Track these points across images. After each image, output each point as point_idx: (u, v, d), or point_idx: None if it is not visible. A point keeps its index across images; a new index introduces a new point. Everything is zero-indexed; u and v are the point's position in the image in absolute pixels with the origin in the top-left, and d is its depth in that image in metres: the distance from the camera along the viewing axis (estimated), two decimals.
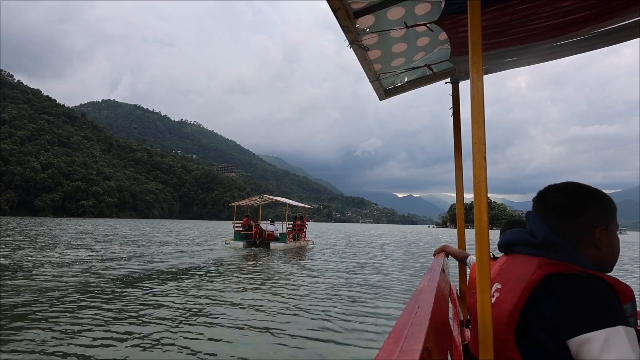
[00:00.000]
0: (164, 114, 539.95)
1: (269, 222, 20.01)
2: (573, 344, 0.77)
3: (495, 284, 1.03)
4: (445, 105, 2.53)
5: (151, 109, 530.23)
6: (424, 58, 2.20)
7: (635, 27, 1.64)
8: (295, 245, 19.45)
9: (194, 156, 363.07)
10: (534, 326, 0.85)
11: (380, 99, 2.67)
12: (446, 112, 2.50)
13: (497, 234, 1.64)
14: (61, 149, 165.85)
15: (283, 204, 22.11)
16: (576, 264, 0.87)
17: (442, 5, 1.61)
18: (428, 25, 1.74)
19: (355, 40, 1.76)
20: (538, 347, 0.84)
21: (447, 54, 2.12)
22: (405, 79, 2.54)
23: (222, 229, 45.92)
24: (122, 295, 6.65)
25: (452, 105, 2.46)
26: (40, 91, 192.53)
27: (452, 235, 41.11)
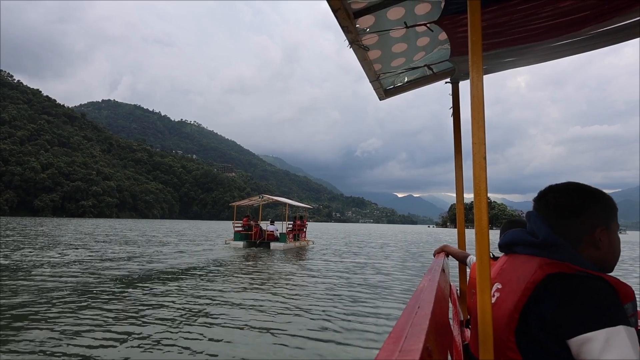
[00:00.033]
0: (164, 114, 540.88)
1: (269, 222, 20.02)
2: (574, 344, 0.77)
3: (496, 284, 1.03)
4: (445, 105, 2.53)
5: (151, 109, 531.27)
6: (424, 58, 2.20)
7: (635, 27, 1.64)
8: (295, 245, 19.46)
9: (194, 156, 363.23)
10: (535, 326, 0.85)
11: (380, 99, 2.67)
12: (446, 112, 2.51)
13: (497, 234, 1.64)
14: (61, 149, 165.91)
15: (283, 204, 22.12)
16: (577, 264, 0.87)
17: (442, 5, 1.61)
18: (428, 25, 1.74)
19: (355, 40, 1.76)
20: (538, 347, 0.84)
21: (447, 54, 2.12)
22: (405, 79, 2.54)
23: (222, 229, 45.91)
24: (122, 295, 6.65)
25: (452, 105, 2.46)
26: (40, 91, 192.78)
27: (452, 235, 41.10)
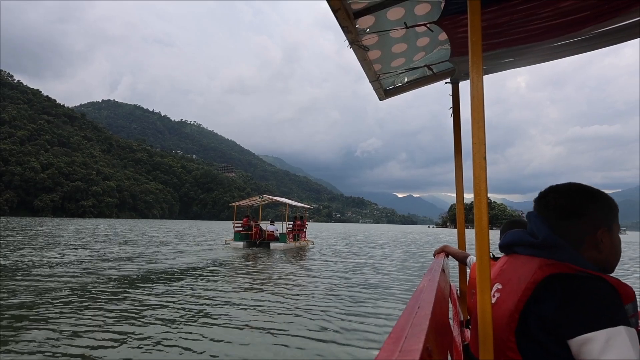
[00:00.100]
0: (164, 114, 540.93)
1: (269, 222, 20.02)
2: (574, 344, 0.78)
3: (496, 284, 1.03)
4: (445, 105, 2.53)
5: (151, 109, 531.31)
6: (424, 58, 2.20)
7: (635, 27, 1.63)
8: (295, 245, 19.45)
9: (194, 156, 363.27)
10: (535, 326, 0.85)
11: (380, 99, 2.67)
12: (446, 112, 2.51)
13: (497, 234, 1.64)
14: (61, 149, 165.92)
15: (283, 204, 22.12)
16: (577, 265, 0.87)
17: (442, 6, 1.61)
18: (428, 25, 1.74)
19: (355, 41, 1.76)
20: (538, 348, 0.85)
21: (447, 54, 2.12)
22: (405, 79, 2.54)
23: (222, 229, 45.91)
24: (122, 295, 6.65)
25: (452, 105, 2.46)
26: (40, 91, 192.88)
27: (452, 236, 41.10)
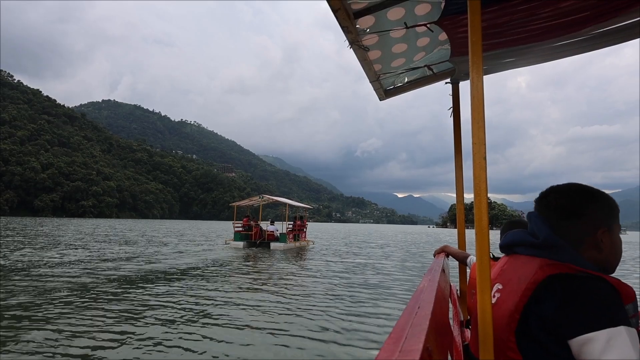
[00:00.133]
0: (164, 114, 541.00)
1: (269, 222, 20.01)
2: (575, 344, 0.78)
3: (496, 285, 1.03)
4: (445, 105, 2.53)
5: (151, 109, 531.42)
6: (424, 58, 2.20)
7: (635, 28, 1.63)
8: (295, 245, 19.45)
9: (194, 156, 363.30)
10: (535, 326, 0.85)
11: (380, 99, 2.67)
12: (446, 113, 2.51)
13: (497, 234, 1.64)
14: (61, 149, 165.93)
15: (283, 204, 22.12)
16: (578, 265, 0.87)
17: (442, 6, 1.61)
18: (428, 25, 1.74)
19: (355, 41, 1.75)
20: (538, 348, 0.85)
21: (447, 55, 2.12)
22: (405, 80, 2.54)
23: (222, 229, 45.91)
24: (122, 295, 6.65)
25: (452, 105, 2.46)
26: (40, 91, 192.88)
27: (452, 236, 41.09)
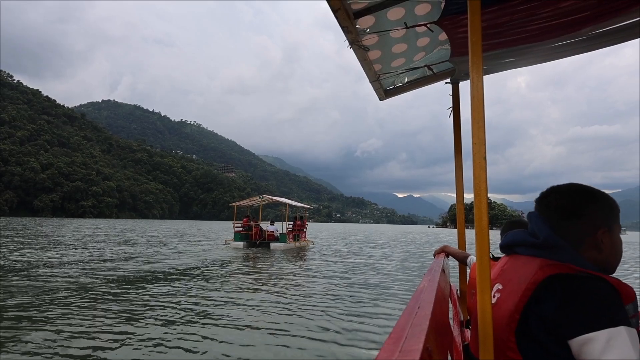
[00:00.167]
0: (163, 114, 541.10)
1: (269, 223, 20.01)
2: (575, 344, 0.78)
3: (497, 285, 1.03)
4: (445, 105, 2.53)
5: (151, 109, 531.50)
6: (424, 58, 2.20)
7: (635, 28, 1.63)
8: (295, 245, 19.45)
9: (194, 156, 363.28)
10: (535, 327, 0.85)
11: (380, 99, 2.67)
12: (446, 113, 2.51)
13: (498, 234, 1.64)
14: (61, 149, 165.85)
15: (283, 204, 22.11)
16: (578, 265, 0.87)
17: (442, 6, 1.61)
18: (428, 25, 1.74)
19: (355, 41, 1.75)
20: (538, 348, 0.85)
21: (447, 55, 2.12)
22: (405, 80, 2.54)
23: (222, 229, 45.90)
24: (122, 296, 6.65)
25: (452, 105, 2.46)
26: (39, 91, 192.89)
27: (452, 236, 41.09)
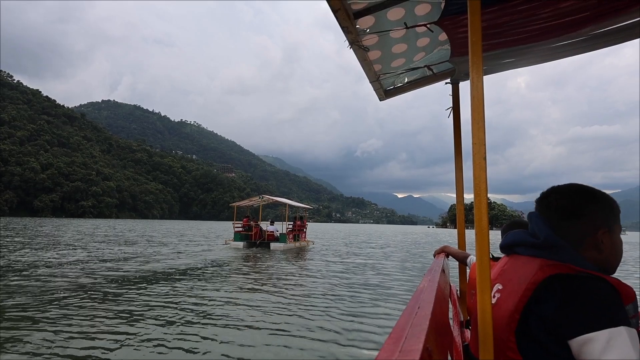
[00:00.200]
0: (163, 114, 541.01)
1: (269, 223, 20.00)
2: (575, 344, 0.78)
3: (497, 285, 1.03)
4: (444, 105, 2.52)
5: (151, 110, 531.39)
6: (424, 59, 2.20)
7: (635, 28, 1.64)
8: (295, 245, 19.45)
9: (194, 156, 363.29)
10: (535, 327, 0.85)
11: (380, 100, 2.67)
12: (445, 113, 2.51)
13: (498, 234, 1.64)
14: (61, 149, 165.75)
15: (283, 204, 22.11)
16: (578, 265, 0.87)
17: (442, 6, 1.61)
18: (428, 25, 1.74)
19: (355, 41, 1.75)
20: (538, 348, 0.85)
21: (447, 55, 2.12)
22: (405, 80, 2.54)
23: (222, 229, 45.90)
24: (122, 296, 6.65)
25: (452, 105, 2.46)
26: (39, 91, 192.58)
27: (452, 236, 41.10)
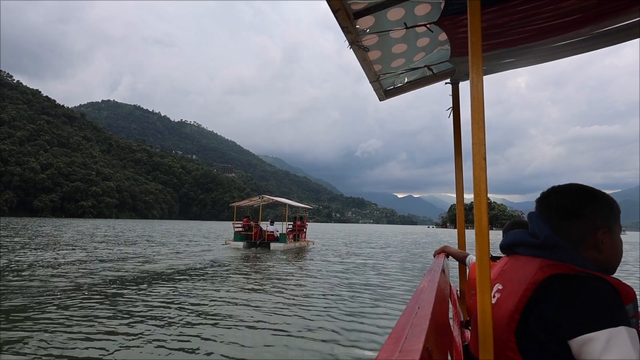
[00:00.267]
0: (163, 114, 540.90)
1: (269, 223, 20.00)
2: (575, 344, 0.77)
3: (497, 285, 1.03)
4: (444, 105, 2.53)
5: (151, 110, 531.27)
6: (424, 59, 2.20)
7: (635, 27, 1.64)
8: (295, 245, 19.45)
9: (194, 156, 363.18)
10: (535, 327, 0.85)
11: (380, 100, 2.67)
12: (445, 113, 2.50)
13: (497, 234, 1.64)
14: (60, 149, 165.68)
15: (283, 204, 22.10)
16: (578, 265, 0.87)
17: (442, 6, 1.61)
18: (428, 25, 1.74)
19: (355, 41, 1.75)
20: (538, 348, 0.85)
21: (447, 55, 2.12)
22: (405, 80, 2.54)
23: (222, 229, 45.89)
24: (122, 296, 6.65)
25: (452, 106, 2.46)
26: (39, 91, 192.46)
27: (452, 236, 41.10)
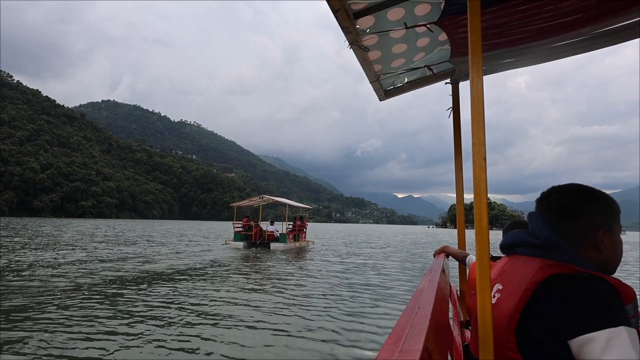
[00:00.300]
0: (163, 114, 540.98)
1: (269, 223, 20.00)
2: (575, 344, 0.78)
3: (497, 285, 1.03)
4: (444, 105, 2.53)
5: (151, 110, 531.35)
6: (424, 59, 2.20)
7: (635, 27, 1.64)
8: (295, 245, 19.45)
9: (194, 156, 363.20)
10: (535, 327, 0.85)
11: (380, 100, 2.67)
12: (445, 113, 2.51)
13: (497, 234, 1.64)
14: (60, 149, 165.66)
15: (283, 204, 22.10)
16: (578, 265, 0.87)
17: (442, 6, 1.61)
18: (428, 25, 1.74)
19: (355, 41, 1.75)
20: (538, 348, 0.85)
21: (447, 55, 2.12)
22: (405, 80, 2.54)
23: (222, 229, 45.89)
24: (122, 296, 6.65)
25: (452, 106, 2.46)
26: (39, 91, 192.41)
27: (452, 236, 41.11)
